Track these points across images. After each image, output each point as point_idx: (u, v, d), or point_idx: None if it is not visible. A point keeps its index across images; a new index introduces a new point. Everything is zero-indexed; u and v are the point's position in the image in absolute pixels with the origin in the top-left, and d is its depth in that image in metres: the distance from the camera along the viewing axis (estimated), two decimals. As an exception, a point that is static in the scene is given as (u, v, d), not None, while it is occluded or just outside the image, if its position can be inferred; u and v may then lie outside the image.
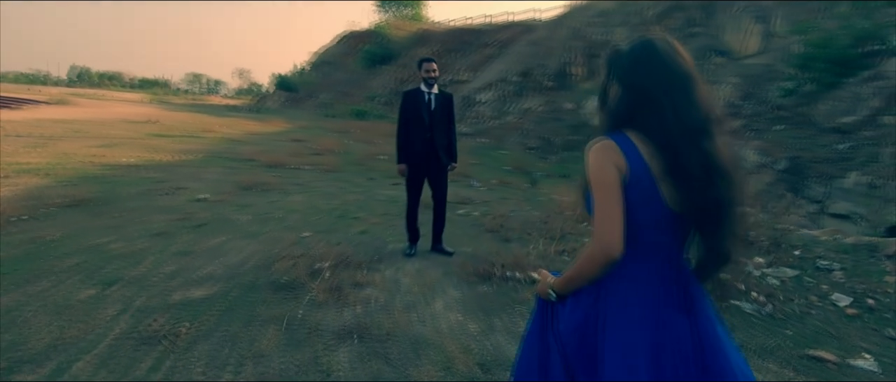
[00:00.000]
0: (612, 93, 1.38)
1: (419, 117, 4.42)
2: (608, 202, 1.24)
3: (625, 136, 1.29)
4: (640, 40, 1.37)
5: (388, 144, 15.60)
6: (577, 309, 1.36)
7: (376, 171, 10.12)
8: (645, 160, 1.26)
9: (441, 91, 4.53)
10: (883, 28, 9.28)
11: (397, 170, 4.59)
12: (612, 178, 1.24)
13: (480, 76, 27.03)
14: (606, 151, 1.27)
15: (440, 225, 4.75)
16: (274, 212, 6.06)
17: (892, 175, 6.98)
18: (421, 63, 4.51)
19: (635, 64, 1.33)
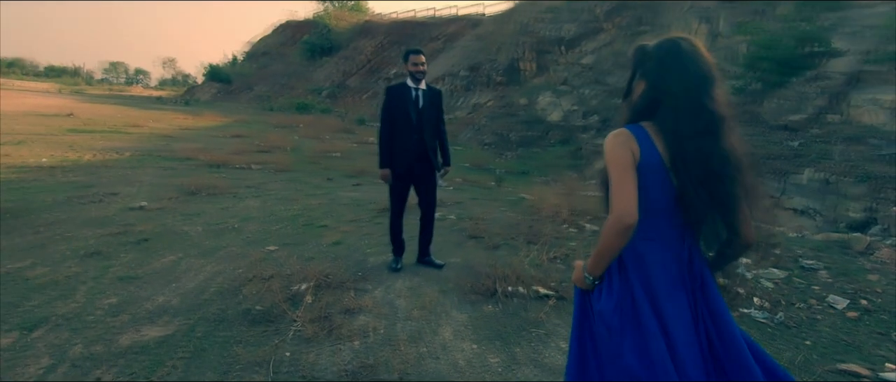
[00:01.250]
0: (637, 88, 1.50)
1: (406, 116, 3.92)
2: (622, 178, 1.35)
3: (641, 128, 1.41)
4: (667, 40, 1.46)
5: (339, 140, 14.84)
6: (611, 294, 1.46)
7: (333, 170, 9.45)
8: (658, 150, 1.39)
9: (429, 86, 4.05)
10: (823, 30, 9.77)
11: (380, 175, 4.06)
12: (626, 160, 1.37)
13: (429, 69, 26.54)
14: (622, 138, 1.40)
15: (428, 235, 4.30)
16: (228, 221, 5.35)
17: (845, 171, 7.28)
18: (407, 55, 3.97)
19: (661, 63, 1.42)
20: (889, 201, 6.43)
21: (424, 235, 4.28)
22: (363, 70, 31.93)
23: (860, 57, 9.07)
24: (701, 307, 1.43)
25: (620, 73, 14.39)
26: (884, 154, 7.33)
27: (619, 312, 1.43)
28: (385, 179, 4.04)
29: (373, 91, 29.06)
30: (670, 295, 1.41)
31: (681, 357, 1.37)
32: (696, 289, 1.45)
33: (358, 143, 14.28)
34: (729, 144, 1.41)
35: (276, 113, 24.26)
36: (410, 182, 4.08)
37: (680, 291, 1.43)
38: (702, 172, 1.39)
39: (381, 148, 4.02)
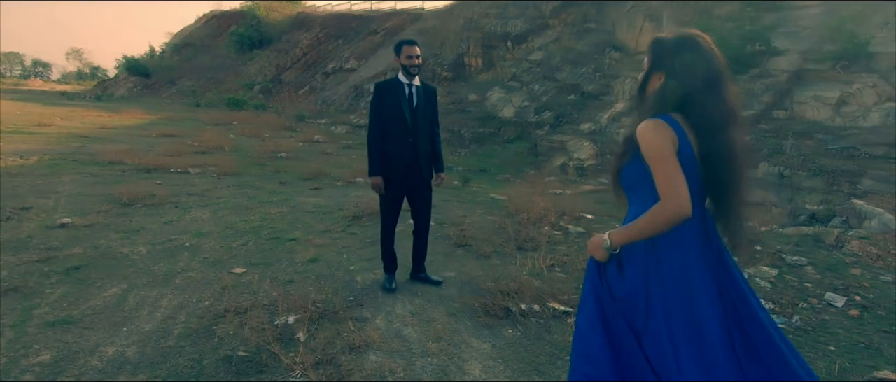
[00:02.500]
0: (655, 81, 1.53)
1: (399, 116, 3.43)
2: (672, 168, 1.39)
3: (672, 118, 1.45)
4: (686, 36, 1.51)
5: (282, 139, 13.86)
6: (628, 277, 1.50)
7: (286, 173, 8.67)
8: (689, 140, 1.45)
9: (423, 83, 3.57)
10: (765, 30, 10.23)
11: (372, 184, 3.54)
12: (669, 149, 1.41)
13: (369, 64, 25.79)
14: (662, 128, 1.42)
15: (423, 250, 3.83)
16: (178, 238, 4.59)
17: (799, 165, 7.59)
18: (400, 47, 3.46)
19: (683, 58, 1.47)
20: (843, 193, 6.71)
21: (419, 249, 3.82)
22: (299, 64, 30.48)
23: (800, 56, 9.55)
24: (726, 282, 1.51)
25: (570, 70, 14.50)
26: (831, 148, 7.70)
27: (632, 297, 1.50)
28: (377, 189, 3.52)
29: (310, 86, 27.82)
30: (701, 274, 1.48)
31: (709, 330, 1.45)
32: (716, 264, 1.52)
33: (304, 142, 13.40)
34: (739, 136, 1.53)
35: (205, 109, 22.52)
36: (404, 192, 3.60)
37: (705, 268, 1.49)
38: (730, 162, 1.49)
39: (370, 152, 3.50)
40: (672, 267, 1.48)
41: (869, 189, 6.53)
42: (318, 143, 13.43)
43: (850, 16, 9.08)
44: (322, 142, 13.75)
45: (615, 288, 1.54)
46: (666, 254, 1.49)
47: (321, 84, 27.38)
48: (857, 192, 6.57)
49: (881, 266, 5.04)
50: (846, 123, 8.00)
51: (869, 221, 5.95)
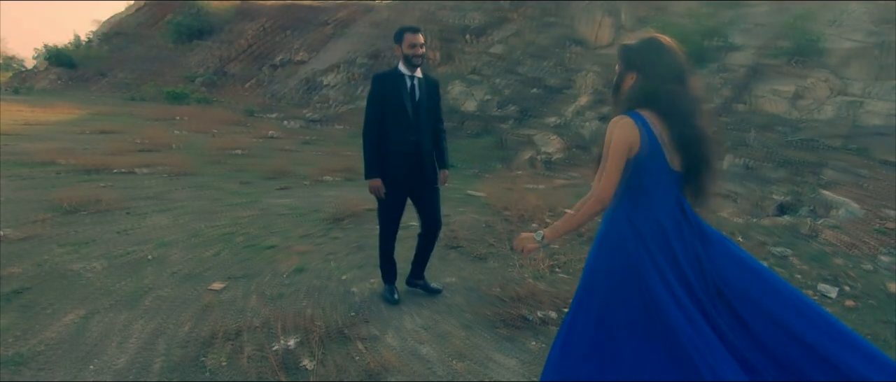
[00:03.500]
0: (628, 81, 1.72)
1: (400, 112, 3.08)
2: (615, 165, 1.63)
3: (640, 115, 1.63)
4: (651, 38, 1.71)
5: (234, 134, 13.03)
6: (617, 264, 1.66)
7: (246, 171, 8.05)
8: (655, 133, 1.62)
9: (426, 75, 3.23)
10: (723, 26, 10.56)
11: (370, 187, 3.19)
12: (623, 150, 1.62)
13: (321, 57, 24.91)
14: (628, 128, 1.62)
15: (427, 256, 3.50)
16: (138, 250, 4.05)
17: (763, 157, 7.83)
18: (401, 34, 3.11)
19: (649, 57, 1.67)
20: (808, 184, 6.97)
21: (422, 255, 3.48)
22: (245, 56, 29.01)
23: (756, 51, 9.90)
24: (700, 249, 1.62)
25: (532, 63, 14.47)
26: (792, 140, 8.00)
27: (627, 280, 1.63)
28: (376, 192, 3.17)
29: (257, 79, 26.56)
30: (684, 250, 1.61)
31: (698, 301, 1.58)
32: (694, 236, 1.64)
33: (259, 138, 12.65)
34: (704, 121, 1.69)
35: (142, 103, 20.96)
36: (406, 195, 3.26)
37: (685, 247, 1.61)
38: (699, 148, 1.65)
39: (367, 152, 3.14)
40: (651, 244, 1.63)
41: (831, 179, 6.81)
42: (274, 139, 12.72)
43: (801, 13, 9.50)
44: (278, 138, 13.04)
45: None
46: (645, 234, 1.64)
47: (269, 77, 26.19)
48: (821, 183, 6.84)
49: (858, 254, 5.21)
50: (803, 116, 8.35)
51: (836, 210, 6.19)
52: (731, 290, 1.58)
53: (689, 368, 1.49)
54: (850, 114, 7.87)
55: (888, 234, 5.58)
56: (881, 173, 6.72)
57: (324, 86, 22.42)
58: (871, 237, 5.56)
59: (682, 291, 1.56)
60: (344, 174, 8.33)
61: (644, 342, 1.58)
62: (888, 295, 4.18)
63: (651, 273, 1.59)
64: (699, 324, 1.53)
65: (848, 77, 8.46)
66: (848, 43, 8.78)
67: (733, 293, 1.58)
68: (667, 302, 1.55)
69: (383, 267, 3.40)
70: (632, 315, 1.61)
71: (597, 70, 12.64)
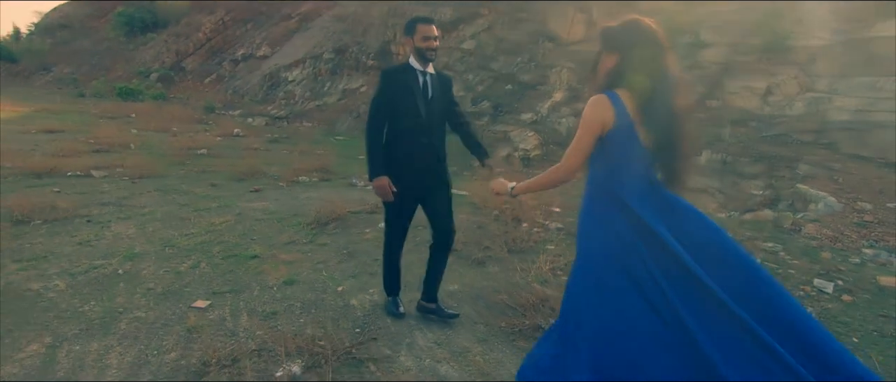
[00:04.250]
0: (607, 62, 1.78)
1: (412, 111, 2.77)
2: (584, 143, 1.74)
3: (615, 94, 1.71)
4: (630, 20, 1.78)
5: (195, 133, 12.36)
6: (610, 233, 1.74)
7: (214, 173, 7.57)
8: (628, 111, 1.69)
9: (438, 72, 2.93)
10: (695, 23, 10.72)
11: (375, 187, 2.85)
12: (595, 128, 1.72)
13: (285, 51, 24.13)
14: (601, 106, 1.70)
15: (441, 272, 3.06)
16: (105, 264, 3.65)
17: (740, 152, 7.96)
18: (413, 25, 2.78)
19: (629, 38, 1.73)
20: (785, 178, 7.11)
21: (435, 271, 3.05)
22: (203, 50, 27.80)
23: (727, 48, 10.09)
24: (671, 219, 1.72)
25: (505, 59, 14.36)
26: (766, 135, 8.17)
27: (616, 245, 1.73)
28: (383, 193, 2.82)
29: (217, 74, 25.51)
30: (649, 216, 1.70)
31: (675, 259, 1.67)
32: (664, 209, 1.73)
33: (223, 137, 12.03)
34: (681, 102, 1.74)
35: (92, 100, 19.71)
36: (417, 200, 2.96)
37: (655, 214, 1.71)
38: (669, 126, 1.70)
39: (370, 149, 2.83)
40: (628, 212, 1.73)
41: (807, 173, 6.97)
42: (239, 138, 12.14)
43: (768, 11, 9.73)
44: (244, 137, 12.45)
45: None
46: (626, 204, 1.73)
47: (230, 72, 25.19)
48: (797, 177, 6.99)
49: (842, 247, 5.31)
50: (775, 112, 8.55)
51: (814, 204, 6.32)
52: (697, 251, 1.69)
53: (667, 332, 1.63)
54: (819, 110, 8.10)
55: (867, 227, 5.73)
56: (852, 167, 6.92)
57: (288, 81, 21.71)
58: (851, 230, 5.69)
59: (654, 258, 1.67)
60: (319, 174, 7.97)
61: (631, 307, 1.70)
62: (880, 289, 4.22)
63: (628, 241, 1.71)
64: (667, 292, 1.65)
65: (815, 74, 8.72)
66: (814, 41, 9.06)
67: (699, 254, 1.69)
68: (641, 271, 1.67)
69: (387, 277, 3.13)
70: (618, 283, 1.72)
71: (571, 66, 12.65)
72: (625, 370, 1.65)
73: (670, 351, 1.62)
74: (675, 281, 1.66)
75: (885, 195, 6.30)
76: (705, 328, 1.61)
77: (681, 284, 1.65)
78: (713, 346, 1.58)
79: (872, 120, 7.50)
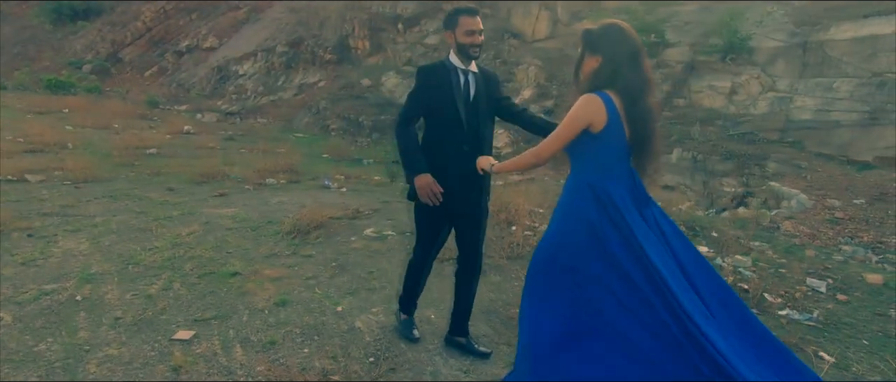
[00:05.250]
0: (589, 64, 1.88)
1: (451, 114, 2.39)
2: (565, 135, 1.84)
3: (607, 95, 1.81)
4: (611, 24, 1.88)
5: (140, 130, 11.43)
6: (580, 224, 1.85)
7: (168, 175, 6.92)
8: (617, 110, 1.81)
9: (483, 69, 2.52)
10: (659, 23, 10.91)
11: (418, 186, 2.34)
12: (579, 126, 1.82)
13: (234, 44, 22.95)
14: (594, 106, 1.80)
15: (471, 302, 2.69)
16: (58, 289, 3.13)
17: (710, 150, 8.13)
18: (455, 18, 2.37)
19: (611, 42, 1.83)
20: (755, 176, 7.29)
21: (465, 302, 2.66)
22: (142, 40, 26.03)
23: (690, 48, 10.32)
24: (647, 213, 1.86)
25: (469, 55, 14.19)
26: (733, 134, 8.38)
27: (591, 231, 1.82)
28: (427, 192, 2.32)
29: (159, 66, 23.96)
30: (630, 210, 1.81)
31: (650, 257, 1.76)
32: (641, 204, 1.87)
33: (173, 134, 11.17)
34: (652, 100, 1.89)
35: (16, 93, 17.92)
36: (454, 213, 2.50)
37: (634, 209, 1.83)
38: (646, 125, 1.84)
39: (404, 145, 2.42)
40: (611, 201, 1.83)
41: (776, 171, 7.18)
42: (191, 136, 11.31)
43: (729, 12, 10.02)
44: (195, 134, 11.62)
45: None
46: (609, 193, 1.84)
47: (174, 64, 23.69)
48: (767, 174, 7.18)
49: (821, 245, 5.44)
50: (739, 111, 8.80)
51: (787, 202, 6.50)
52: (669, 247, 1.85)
53: (649, 314, 1.72)
54: (782, 110, 8.39)
55: (840, 224, 5.93)
56: (818, 165, 7.19)
57: (239, 75, 20.65)
58: (825, 227, 5.87)
59: (637, 247, 1.76)
60: (286, 175, 7.47)
61: (608, 295, 1.77)
62: (869, 286, 4.30)
63: (610, 234, 1.79)
64: (653, 276, 1.74)
65: (775, 74, 9.04)
66: (773, 42, 9.39)
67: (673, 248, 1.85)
68: (626, 260, 1.76)
69: (406, 294, 2.76)
70: (596, 274, 1.79)
71: (538, 64, 12.61)
72: (589, 364, 1.77)
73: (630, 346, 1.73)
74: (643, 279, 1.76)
75: (852, 192, 6.56)
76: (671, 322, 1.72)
77: (649, 281, 1.75)
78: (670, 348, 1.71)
79: (831, 119, 7.84)
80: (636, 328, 1.73)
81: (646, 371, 1.69)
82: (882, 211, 6.07)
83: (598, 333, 1.78)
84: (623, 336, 1.74)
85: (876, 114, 7.43)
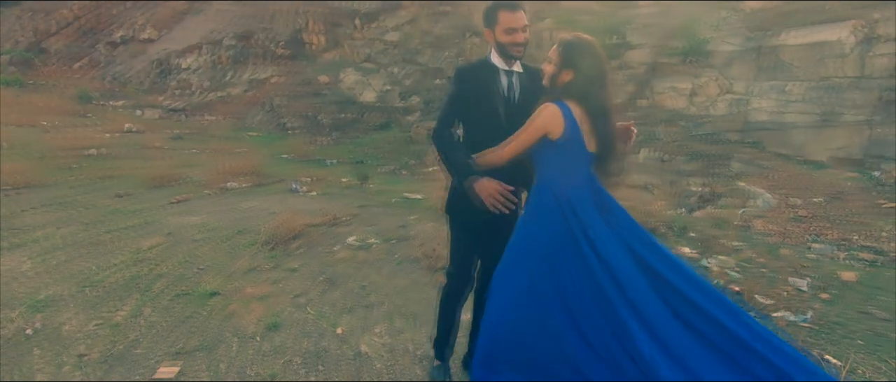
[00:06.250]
0: (565, 76, 1.93)
1: (490, 115, 2.14)
2: (523, 140, 1.92)
3: (566, 105, 1.89)
4: (586, 41, 1.95)
5: (75, 128, 10.44)
6: (553, 225, 1.92)
7: (117, 178, 6.28)
8: (577, 122, 1.89)
9: (527, 67, 2.22)
10: (620, 25, 11.10)
11: (480, 190, 1.97)
12: (536, 133, 1.90)
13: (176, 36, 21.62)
14: (554, 117, 1.89)
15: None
16: (2, 324, 2.65)
17: (675, 150, 8.32)
18: (494, 13, 2.09)
19: (587, 60, 1.92)
20: (721, 176, 7.51)
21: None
22: (70, 30, 24.06)
23: (652, 50, 10.56)
24: (611, 219, 1.92)
25: (431, 53, 13.93)
26: (696, 134, 8.62)
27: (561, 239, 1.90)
28: (490, 194, 1.97)
29: (90, 58, 22.20)
30: (591, 216, 1.89)
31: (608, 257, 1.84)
32: (602, 207, 1.94)
33: (114, 133, 10.27)
34: (614, 119, 1.99)
35: (-78, 86, 16.06)
36: (491, 229, 2.18)
37: (596, 213, 1.91)
38: (609, 133, 1.94)
39: (448, 150, 2.11)
40: (575, 206, 1.92)
41: (740, 171, 7.42)
42: (135, 134, 10.45)
43: (687, 16, 10.33)
44: (140, 132, 10.76)
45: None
46: (572, 201, 1.93)
47: (107, 56, 22.03)
48: (732, 174, 7.41)
49: (792, 242, 5.63)
50: (700, 112, 9.07)
51: (754, 201, 6.71)
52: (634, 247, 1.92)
53: (613, 316, 1.78)
54: (740, 111, 8.71)
55: (805, 221, 6.17)
56: (778, 164, 7.49)
57: (182, 69, 19.45)
58: (792, 225, 6.09)
59: (599, 251, 1.84)
60: (249, 178, 6.97)
61: (574, 301, 1.84)
62: (845, 284, 4.43)
63: (577, 237, 1.86)
64: (617, 280, 1.82)
65: (732, 77, 9.39)
66: (729, 46, 9.75)
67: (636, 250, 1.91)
68: (592, 263, 1.83)
69: (441, 335, 2.38)
70: (561, 280, 1.85)
71: (500, 62, 12.56)
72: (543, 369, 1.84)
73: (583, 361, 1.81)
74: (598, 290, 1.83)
75: (811, 190, 6.87)
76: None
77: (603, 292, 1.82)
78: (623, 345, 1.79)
79: (786, 121, 8.20)
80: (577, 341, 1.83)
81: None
82: (841, 209, 6.38)
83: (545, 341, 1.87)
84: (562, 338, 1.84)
85: (827, 116, 7.84)
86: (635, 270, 1.85)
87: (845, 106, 7.84)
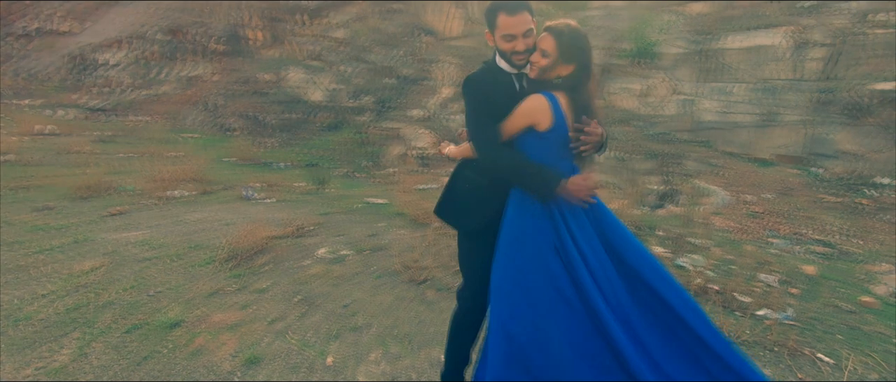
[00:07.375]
0: (561, 69, 1.86)
1: (502, 121, 1.93)
2: (508, 129, 1.88)
3: (554, 96, 1.84)
4: (581, 32, 1.89)
5: None
6: (537, 217, 1.89)
7: (37, 189, 5.50)
8: (563, 113, 1.83)
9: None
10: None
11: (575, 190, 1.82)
12: (522, 123, 1.86)
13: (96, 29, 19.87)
14: (542, 109, 1.83)
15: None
16: None
17: (632, 149, 8.49)
18: (494, 15, 1.88)
19: (585, 54, 1.88)
20: (676, 174, 7.73)
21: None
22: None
23: (604, 51, 10.78)
24: (590, 214, 1.89)
25: (382, 51, 13.53)
26: (650, 134, 8.85)
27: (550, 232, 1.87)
28: (586, 188, 1.84)
29: (-5, 52, 20.02)
30: (574, 209, 1.85)
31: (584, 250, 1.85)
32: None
33: (28, 136, 9.15)
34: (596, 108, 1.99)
35: None
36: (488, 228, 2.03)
37: (577, 207, 1.86)
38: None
39: (519, 164, 1.88)
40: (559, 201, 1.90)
41: (694, 169, 7.66)
42: (54, 137, 9.38)
43: (634, 18, 10.63)
44: (58, 135, 9.67)
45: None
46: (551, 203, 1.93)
47: (15, 50, 19.90)
48: (686, 172, 7.64)
49: (752, 238, 5.84)
50: (652, 112, 9.33)
51: (709, 198, 6.94)
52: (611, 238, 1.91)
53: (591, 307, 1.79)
54: (689, 111, 9.04)
55: (760, 217, 6.44)
56: (728, 162, 7.81)
57: (104, 65, 17.88)
58: (750, 221, 6.34)
59: (574, 250, 1.83)
60: (195, 185, 6.36)
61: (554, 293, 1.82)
62: (809, 278, 4.61)
63: (561, 232, 1.85)
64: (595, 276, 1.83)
65: (679, 78, 9.74)
66: (676, 49, 10.11)
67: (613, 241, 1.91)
68: (573, 256, 1.82)
69: (456, 365, 2.15)
70: (545, 273, 1.83)
71: (455, 62, 12.39)
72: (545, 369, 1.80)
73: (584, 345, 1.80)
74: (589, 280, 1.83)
75: (761, 187, 7.19)
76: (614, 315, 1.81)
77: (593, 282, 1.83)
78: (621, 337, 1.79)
79: (732, 121, 8.59)
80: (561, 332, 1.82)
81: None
82: (790, 204, 6.73)
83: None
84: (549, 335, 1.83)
85: (768, 116, 8.27)
86: (613, 269, 1.85)
87: (784, 106, 8.31)
